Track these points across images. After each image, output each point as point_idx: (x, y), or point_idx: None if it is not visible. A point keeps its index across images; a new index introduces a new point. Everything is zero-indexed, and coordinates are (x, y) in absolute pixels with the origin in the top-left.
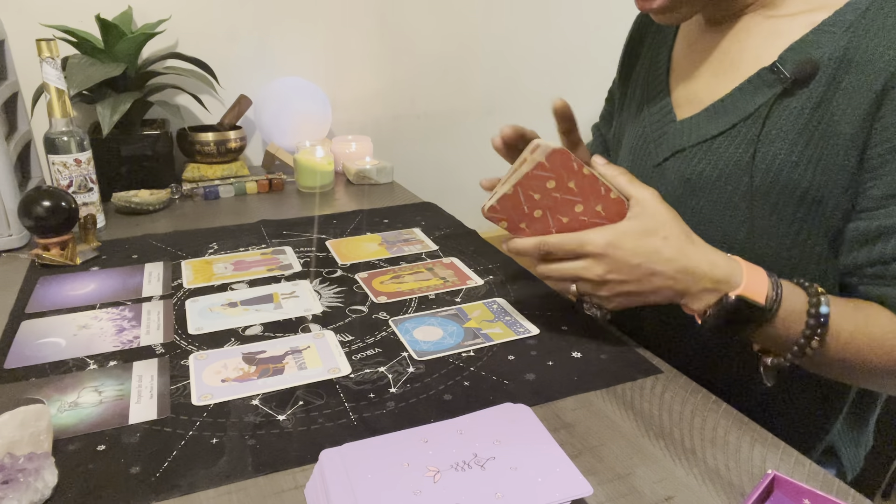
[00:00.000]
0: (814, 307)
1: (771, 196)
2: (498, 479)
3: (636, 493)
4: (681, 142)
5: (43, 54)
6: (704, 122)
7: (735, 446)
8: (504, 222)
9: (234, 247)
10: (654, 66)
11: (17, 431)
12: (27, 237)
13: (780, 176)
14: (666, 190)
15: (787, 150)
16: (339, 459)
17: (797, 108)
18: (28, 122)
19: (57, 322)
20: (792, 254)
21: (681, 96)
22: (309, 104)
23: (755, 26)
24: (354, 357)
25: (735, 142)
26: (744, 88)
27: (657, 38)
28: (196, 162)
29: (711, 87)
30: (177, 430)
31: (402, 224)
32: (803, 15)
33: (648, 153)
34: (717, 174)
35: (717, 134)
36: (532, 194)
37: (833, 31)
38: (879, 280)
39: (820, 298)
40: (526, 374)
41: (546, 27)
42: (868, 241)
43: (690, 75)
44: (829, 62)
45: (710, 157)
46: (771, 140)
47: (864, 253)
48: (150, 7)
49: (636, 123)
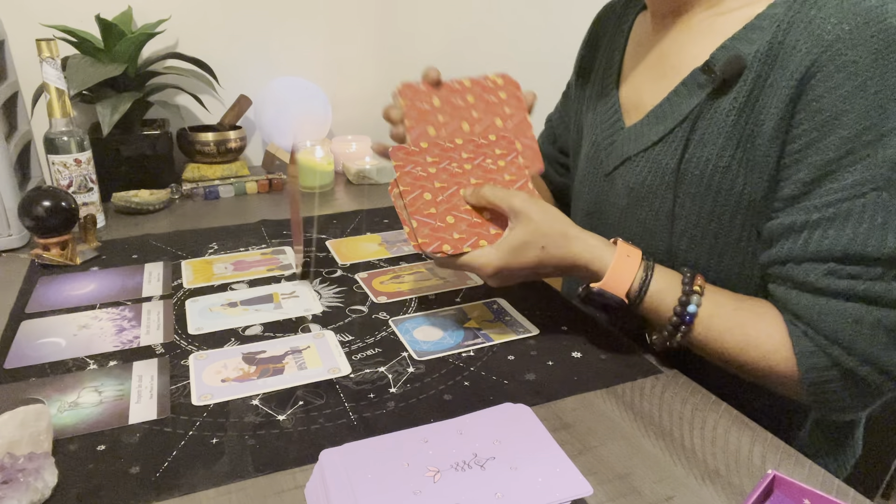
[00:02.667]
0: (681, 305)
1: (706, 203)
2: (498, 479)
3: (636, 493)
4: (627, 150)
5: (43, 54)
6: (646, 129)
7: (735, 446)
8: (446, 245)
9: (234, 247)
10: (608, 68)
11: (17, 431)
12: (27, 237)
13: (713, 182)
14: (615, 200)
15: (717, 155)
16: (339, 459)
17: (726, 109)
18: (28, 122)
19: (57, 322)
20: (734, 261)
21: (629, 101)
22: (309, 104)
23: (696, 25)
24: (354, 357)
25: (671, 148)
26: (679, 91)
27: (614, 39)
28: (196, 162)
29: (654, 90)
30: (177, 430)
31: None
32: (741, 10)
33: (600, 162)
34: (657, 182)
35: (656, 140)
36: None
37: (762, 25)
38: (777, 279)
39: (691, 298)
40: (526, 374)
41: (546, 27)
42: (773, 240)
43: (636, 79)
44: (756, 58)
45: (651, 166)
46: (703, 145)
47: (768, 252)
48: (150, 7)
49: (590, 130)
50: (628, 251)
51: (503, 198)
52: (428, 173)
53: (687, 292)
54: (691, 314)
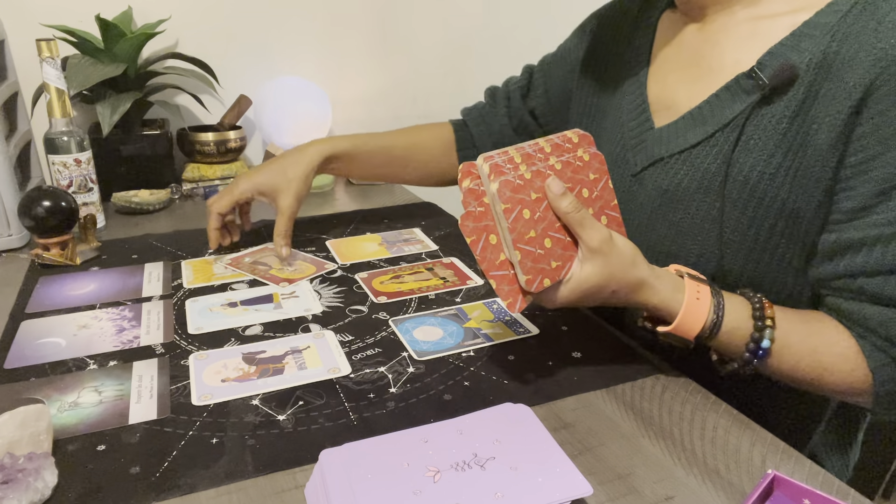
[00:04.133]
0: (754, 342)
1: (748, 209)
2: (498, 479)
3: (636, 493)
4: (659, 151)
5: (43, 54)
6: (682, 131)
7: (735, 446)
8: (546, 279)
9: (234, 247)
10: (631, 65)
11: (17, 431)
12: (27, 237)
13: (757, 188)
14: (644, 201)
15: (765, 163)
16: (339, 459)
17: (775, 116)
18: (28, 122)
19: (57, 322)
20: (770, 267)
21: (658, 101)
22: (309, 104)
23: (734, 27)
24: (354, 357)
25: (713, 152)
26: (721, 95)
27: (634, 36)
28: (196, 162)
29: (690, 92)
30: (177, 430)
31: (402, 224)
32: (785, 16)
33: (626, 161)
34: (695, 185)
35: (695, 143)
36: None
37: (813, 34)
38: (844, 293)
39: (763, 333)
40: (526, 374)
41: (546, 26)
42: (836, 254)
43: (668, 78)
44: (809, 68)
45: (688, 168)
46: (749, 151)
47: (832, 265)
48: (150, 7)
49: (615, 129)
50: (697, 289)
51: (580, 227)
52: (524, 180)
53: (759, 327)
54: (765, 349)
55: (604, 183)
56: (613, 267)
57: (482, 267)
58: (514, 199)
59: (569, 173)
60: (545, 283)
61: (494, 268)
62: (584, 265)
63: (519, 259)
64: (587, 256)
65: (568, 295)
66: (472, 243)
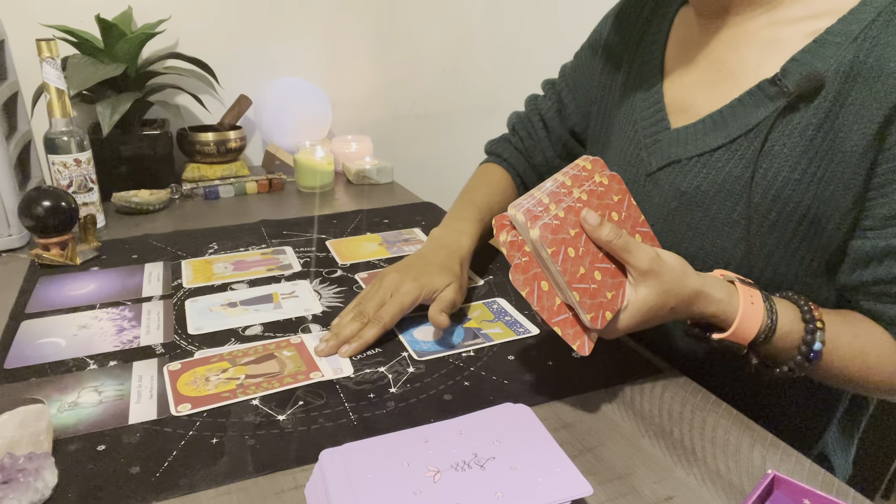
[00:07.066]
0: (806, 345)
1: (771, 214)
2: (498, 479)
3: (636, 493)
4: (676, 152)
5: (43, 54)
6: (702, 134)
7: (735, 446)
8: (608, 312)
9: (234, 247)
10: (646, 63)
11: (17, 431)
12: (27, 237)
13: (781, 194)
14: (659, 201)
15: (790, 169)
16: (339, 459)
17: (801, 124)
18: (28, 122)
19: (57, 322)
20: (789, 270)
21: (674, 102)
22: (309, 104)
23: (753, 33)
24: (354, 357)
25: (735, 157)
26: (744, 101)
27: (647, 33)
28: (196, 162)
29: (708, 95)
30: (177, 430)
31: (402, 224)
32: (805, 21)
33: (641, 160)
34: (714, 189)
35: (715, 147)
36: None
37: (838, 41)
38: (884, 297)
39: (815, 335)
40: (526, 374)
41: (547, 26)
42: (874, 260)
43: (684, 80)
44: (835, 76)
45: (708, 171)
46: (773, 157)
47: (868, 271)
48: (150, 7)
49: (627, 126)
50: (750, 294)
51: (626, 253)
52: (559, 219)
53: (810, 330)
54: (817, 352)
55: (627, 202)
56: (667, 284)
57: (542, 316)
58: (557, 240)
59: (595, 201)
60: (607, 317)
61: (554, 314)
62: (638, 289)
63: (578, 300)
64: (639, 280)
65: (629, 321)
66: (527, 295)
